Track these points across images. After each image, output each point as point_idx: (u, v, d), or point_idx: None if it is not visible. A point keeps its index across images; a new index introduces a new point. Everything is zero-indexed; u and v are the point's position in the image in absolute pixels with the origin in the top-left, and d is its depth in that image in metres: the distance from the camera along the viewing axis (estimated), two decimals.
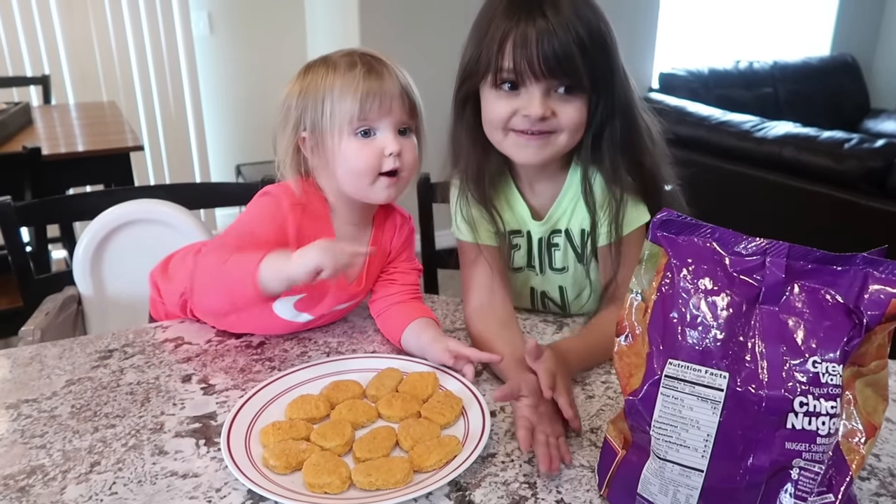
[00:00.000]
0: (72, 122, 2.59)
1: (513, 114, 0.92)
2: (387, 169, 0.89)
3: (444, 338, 0.91)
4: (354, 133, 0.88)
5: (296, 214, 0.91)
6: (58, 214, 1.45)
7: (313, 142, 0.91)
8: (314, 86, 0.89)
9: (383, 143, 0.89)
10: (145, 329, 1.02)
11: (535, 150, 0.94)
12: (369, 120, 0.88)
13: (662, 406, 0.59)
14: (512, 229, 1.06)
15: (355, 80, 0.87)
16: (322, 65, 0.91)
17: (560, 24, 0.87)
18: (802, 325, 0.58)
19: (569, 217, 1.02)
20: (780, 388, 0.56)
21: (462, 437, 0.75)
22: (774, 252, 0.60)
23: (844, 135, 2.26)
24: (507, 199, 1.05)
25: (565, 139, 0.94)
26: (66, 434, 0.77)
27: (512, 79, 0.91)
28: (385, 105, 0.88)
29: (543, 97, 0.91)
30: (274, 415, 0.80)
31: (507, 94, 0.92)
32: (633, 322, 0.66)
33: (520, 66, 0.89)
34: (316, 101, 0.89)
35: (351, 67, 0.88)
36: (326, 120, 0.88)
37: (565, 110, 0.92)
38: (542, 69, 0.88)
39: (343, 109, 0.87)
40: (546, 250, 1.06)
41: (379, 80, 0.88)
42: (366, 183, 0.90)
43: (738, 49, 3.96)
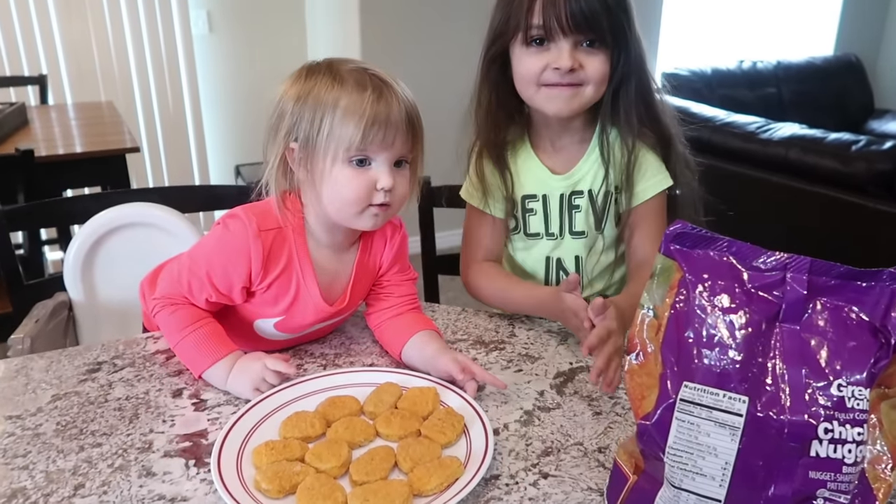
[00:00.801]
0: (69, 122, 2.56)
1: (543, 68, 1.00)
2: (377, 202, 0.84)
3: (449, 350, 0.88)
4: (349, 160, 0.82)
5: (264, 241, 0.86)
6: (48, 218, 1.42)
7: (302, 155, 0.84)
8: (315, 96, 0.82)
9: (377, 176, 0.83)
10: (136, 340, 0.99)
11: (566, 101, 1.02)
12: (368, 151, 0.82)
13: (677, 432, 0.55)
14: (527, 193, 1.12)
15: (363, 105, 0.80)
16: (327, 74, 0.83)
17: None
18: (826, 346, 0.55)
19: (592, 177, 1.09)
20: (803, 413, 0.53)
21: (464, 458, 0.72)
22: (795, 267, 0.57)
23: (852, 136, 2.23)
24: (524, 163, 1.11)
25: (592, 91, 1.02)
26: (50, 454, 0.74)
27: (541, 35, 0.99)
28: (388, 138, 0.82)
29: (571, 50, 0.99)
30: (267, 432, 0.76)
31: (536, 50, 1.00)
32: (644, 339, 0.62)
33: (549, 23, 0.97)
34: (314, 113, 0.81)
35: (360, 88, 0.81)
36: (322, 138, 0.81)
37: (591, 62, 1.00)
38: (570, 24, 0.96)
39: (343, 134, 0.80)
40: (567, 211, 1.11)
41: (387, 107, 0.81)
42: (353, 212, 0.85)
43: (741, 49, 3.92)
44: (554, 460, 0.74)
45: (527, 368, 0.92)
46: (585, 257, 1.12)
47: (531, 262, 1.15)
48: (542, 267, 1.14)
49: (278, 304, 0.90)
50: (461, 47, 3.06)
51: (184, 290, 0.88)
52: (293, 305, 0.90)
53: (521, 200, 1.11)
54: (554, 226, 1.11)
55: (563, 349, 0.97)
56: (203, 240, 0.92)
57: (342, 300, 0.93)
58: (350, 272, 0.94)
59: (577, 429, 0.79)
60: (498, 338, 1.00)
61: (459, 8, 3.00)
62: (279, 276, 0.88)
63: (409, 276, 0.99)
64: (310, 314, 0.91)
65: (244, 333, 0.94)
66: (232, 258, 0.86)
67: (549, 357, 0.95)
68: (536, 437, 0.77)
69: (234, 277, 0.86)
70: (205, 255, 0.88)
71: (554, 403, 0.84)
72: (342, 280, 0.93)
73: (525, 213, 1.12)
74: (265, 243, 0.86)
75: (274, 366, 0.83)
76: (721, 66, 3.60)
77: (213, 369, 0.85)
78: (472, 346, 0.98)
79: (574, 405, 0.84)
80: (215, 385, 0.86)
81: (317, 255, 0.91)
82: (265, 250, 0.86)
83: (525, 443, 0.76)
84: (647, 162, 1.07)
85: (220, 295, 0.88)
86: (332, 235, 0.91)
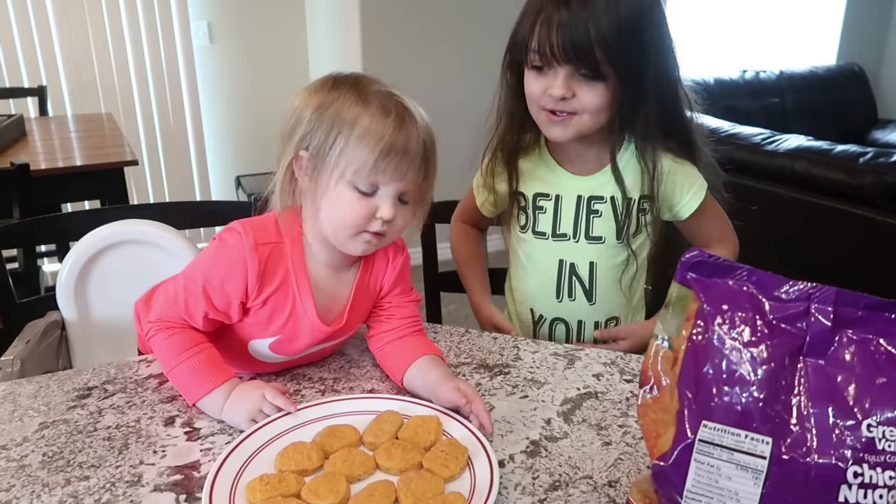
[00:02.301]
0: (68, 134, 2.53)
1: (542, 92, 0.99)
2: (373, 230, 0.82)
3: (453, 378, 0.84)
4: (356, 185, 0.80)
5: (260, 256, 0.83)
6: (42, 235, 1.39)
7: (310, 165, 0.81)
8: (336, 110, 0.79)
9: (378, 205, 0.81)
10: (128, 363, 0.96)
11: (560, 129, 1.02)
12: (379, 180, 0.79)
13: (696, 474, 0.52)
14: (539, 192, 1.12)
15: (382, 130, 0.77)
16: (353, 90, 0.80)
17: (582, 16, 0.92)
18: (854, 382, 0.52)
19: (615, 186, 1.07)
20: (830, 455, 0.50)
21: (468, 493, 0.68)
22: (820, 297, 0.54)
23: (859, 148, 2.20)
24: (539, 162, 1.12)
25: (588, 120, 1.00)
26: (35, 488, 0.71)
27: (538, 61, 0.98)
28: (401, 170, 0.79)
29: (567, 78, 0.97)
30: (263, 464, 0.73)
31: (537, 74, 1.00)
32: (658, 372, 0.59)
33: (543, 49, 0.96)
34: (332, 127, 0.79)
35: (384, 112, 0.78)
36: (334, 154, 0.78)
37: (585, 93, 0.97)
38: (561, 55, 0.95)
39: (356, 156, 0.78)
40: (584, 215, 1.09)
41: (406, 137, 0.79)
42: (347, 234, 0.83)
43: (744, 58, 3.90)
44: (562, 495, 0.70)
45: (532, 394, 0.89)
46: (600, 265, 1.11)
47: (542, 262, 1.14)
48: (554, 269, 1.13)
49: (273, 323, 0.87)
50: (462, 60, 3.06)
51: (180, 310, 0.85)
52: (288, 324, 0.87)
53: (533, 198, 1.12)
54: (565, 226, 1.11)
55: (570, 373, 0.94)
56: (199, 256, 0.89)
57: (339, 321, 0.90)
58: (349, 293, 0.90)
59: (586, 460, 0.76)
60: (502, 361, 0.97)
61: (460, 20, 2.98)
62: (275, 292, 0.85)
63: (412, 298, 0.95)
64: (306, 335, 0.88)
65: (239, 356, 0.91)
66: (228, 272, 0.83)
67: (556, 382, 0.92)
68: (543, 470, 0.74)
69: (231, 292, 0.84)
70: (201, 270, 0.85)
71: (561, 433, 0.81)
72: (341, 301, 0.90)
73: (535, 210, 1.12)
74: (261, 257, 0.83)
75: (273, 399, 0.80)
76: (724, 76, 3.58)
77: (208, 398, 0.82)
78: (475, 371, 0.94)
79: (582, 434, 0.81)
80: (210, 414, 0.83)
81: (314, 273, 0.88)
82: (261, 264, 0.83)
83: (532, 476, 0.73)
84: (681, 175, 1.08)
85: (218, 312, 0.85)
86: (330, 253, 0.88)
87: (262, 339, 0.88)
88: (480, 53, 1.06)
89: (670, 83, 1.03)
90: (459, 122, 0.94)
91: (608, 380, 0.92)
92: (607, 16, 0.92)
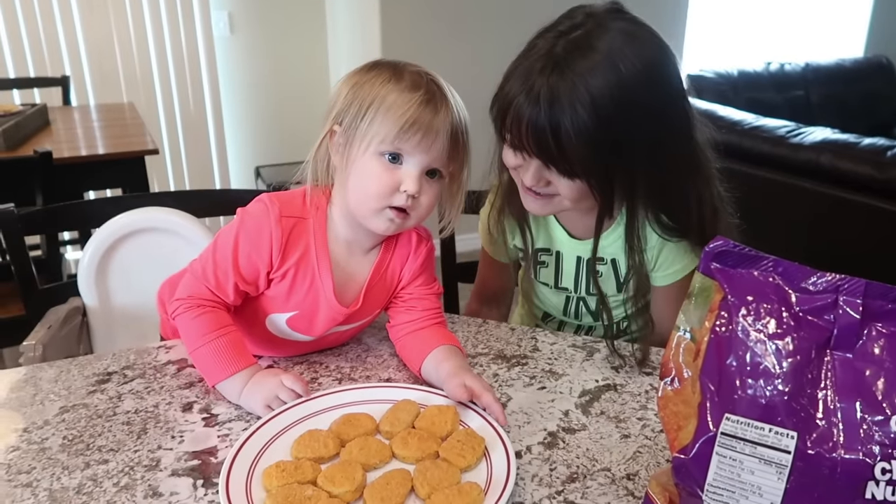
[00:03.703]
0: (91, 124, 2.56)
1: (517, 167, 0.91)
2: (397, 204, 0.82)
3: (463, 371, 0.83)
4: (381, 154, 0.81)
5: (284, 227, 0.85)
6: (64, 222, 1.40)
7: (342, 140, 0.83)
8: (370, 86, 0.82)
9: (403, 177, 0.81)
10: (147, 350, 0.96)
11: (539, 207, 0.94)
12: (402, 149, 0.81)
13: (718, 468, 0.51)
14: (540, 247, 1.06)
15: (408, 103, 0.80)
16: (389, 69, 0.84)
17: (552, 119, 0.81)
18: (882, 376, 0.50)
19: (616, 250, 1.00)
20: (857, 451, 0.48)
21: (484, 484, 0.68)
22: (848, 290, 0.52)
23: (887, 142, 2.15)
24: (539, 219, 1.05)
25: (568, 204, 0.91)
26: (55, 470, 0.71)
27: (513, 143, 0.88)
28: (425, 142, 0.80)
29: (539, 168, 0.87)
30: (279, 452, 0.73)
31: (513, 150, 0.89)
32: (679, 364, 0.58)
33: (515, 138, 0.86)
34: (363, 101, 0.81)
35: (413, 88, 0.81)
36: (364, 127, 0.81)
37: (561, 184, 0.88)
38: (529, 150, 0.85)
39: (382, 126, 0.80)
40: (585, 274, 1.04)
41: (432, 113, 0.80)
42: (371, 208, 0.83)
43: (768, 50, 3.83)
44: (580, 487, 0.70)
45: (550, 386, 0.88)
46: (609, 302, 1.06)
47: (549, 298, 1.11)
48: (561, 303, 1.10)
49: (292, 297, 0.88)
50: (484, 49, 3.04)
51: (210, 283, 0.86)
52: (307, 300, 0.88)
53: (535, 252, 1.06)
54: (566, 282, 1.06)
55: (589, 365, 0.93)
56: (225, 228, 0.89)
57: (356, 303, 0.90)
58: (367, 274, 0.91)
59: (605, 453, 0.75)
60: (520, 352, 0.96)
61: (481, 9, 2.96)
62: (295, 265, 0.87)
63: (434, 290, 0.95)
64: (323, 313, 0.89)
65: (259, 333, 0.92)
66: (253, 240, 0.85)
67: (574, 374, 0.91)
68: (561, 462, 0.73)
69: (258, 261, 0.85)
70: (228, 241, 0.86)
71: (579, 424, 0.80)
72: (358, 282, 0.91)
73: (537, 264, 1.07)
74: (285, 228, 0.85)
75: (291, 384, 0.80)
76: (748, 67, 3.52)
77: (228, 381, 0.83)
78: (493, 361, 0.94)
79: (601, 426, 0.80)
80: (228, 398, 0.83)
81: (335, 252, 0.89)
82: (284, 235, 0.85)
83: (549, 467, 0.72)
84: (673, 252, 0.98)
85: (247, 283, 0.87)
86: (353, 232, 0.89)
87: (282, 313, 0.89)
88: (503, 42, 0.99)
89: (671, 155, 0.88)
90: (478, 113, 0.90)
91: (627, 372, 0.91)
92: (576, 119, 0.80)
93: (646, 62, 0.83)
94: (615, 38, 0.82)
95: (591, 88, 0.80)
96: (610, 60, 0.81)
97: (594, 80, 0.80)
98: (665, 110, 0.87)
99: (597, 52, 0.81)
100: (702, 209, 0.94)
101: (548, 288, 1.09)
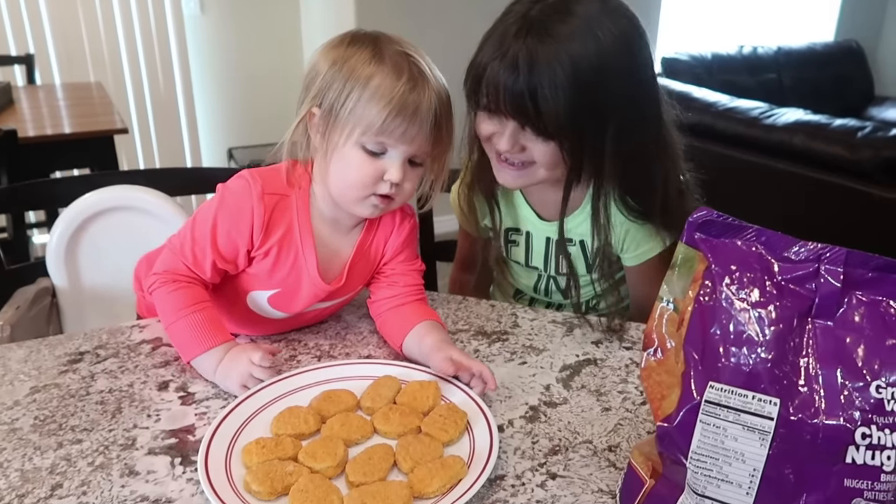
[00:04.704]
0: (57, 103, 2.48)
1: (491, 135, 0.90)
2: (381, 192, 0.81)
3: (447, 346, 0.83)
4: (364, 145, 0.79)
5: (266, 204, 0.83)
6: (30, 201, 1.36)
7: (322, 123, 0.81)
8: (351, 67, 0.78)
9: (387, 167, 0.80)
10: (120, 329, 0.94)
11: (513, 178, 0.93)
12: (386, 140, 0.78)
13: (702, 435, 0.51)
14: (510, 227, 1.06)
15: (393, 90, 0.76)
16: (370, 46, 0.79)
17: (529, 83, 0.81)
18: (862, 344, 0.51)
19: (584, 231, 1.00)
20: (838, 416, 0.49)
21: (467, 457, 0.68)
22: (830, 258, 0.52)
23: (858, 123, 2.18)
24: (510, 199, 1.05)
25: (543, 172, 0.91)
26: (27, 451, 0.69)
27: (488, 108, 0.88)
28: (411, 132, 0.78)
29: (515, 131, 0.87)
30: (258, 429, 0.72)
31: (487, 115, 0.89)
32: (662, 334, 0.58)
33: (492, 99, 0.86)
34: (344, 84, 0.78)
35: (396, 72, 0.77)
36: (345, 112, 0.78)
37: (536, 148, 0.88)
38: (506, 111, 0.85)
39: (366, 114, 0.77)
40: (554, 255, 1.04)
41: (417, 100, 0.77)
42: (355, 196, 0.82)
43: (741, 34, 3.86)
44: (562, 459, 0.70)
45: (531, 361, 0.88)
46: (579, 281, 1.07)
47: (523, 277, 1.11)
48: (533, 279, 1.10)
49: (275, 275, 0.86)
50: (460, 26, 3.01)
51: (188, 260, 0.84)
52: (289, 278, 0.86)
53: (505, 232, 1.07)
54: (536, 261, 1.06)
55: (569, 340, 0.93)
56: (205, 204, 0.87)
57: (339, 280, 0.89)
58: (351, 251, 0.90)
59: (586, 426, 0.75)
60: (500, 328, 0.96)
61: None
62: (278, 243, 0.85)
63: (416, 267, 0.94)
64: (305, 291, 0.87)
65: (238, 310, 0.90)
66: (234, 218, 0.83)
67: (555, 349, 0.91)
68: (543, 435, 0.73)
69: (238, 239, 0.83)
70: (207, 217, 0.84)
71: (560, 398, 0.80)
72: (341, 258, 0.89)
73: (508, 243, 1.07)
74: (267, 206, 0.83)
75: (260, 362, 0.78)
76: (721, 51, 3.54)
77: (203, 357, 0.81)
78: (473, 337, 0.93)
79: (582, 400, 0.80)
80: (203, 375, 0.82)
81: (319, 229, 0.87)
82: (267, 212, 0.83)
83: (531, 440, 0.72)
84: (640, 234, 0.98)
85: (225, 261, 0.84)
86: (336, 210, 0.87)
87: (263, 290, 0.88)
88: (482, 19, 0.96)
89: (640, 132, 0.89)
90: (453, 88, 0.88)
91: (607, 347, 0.91)
92: (555, 83, 0.80)
93: (621, 32, 0.84)
94: (591, 4, 0.83)
95: (571, 53, 0.81)
96: (588, 27, 0.82)
97: (573, 46, 0.81)
98: (637, 83, 0.88)
99: (575, 17, 0.82)
100: (668, 189, 0.95)
101: (519, 266, 1.09)
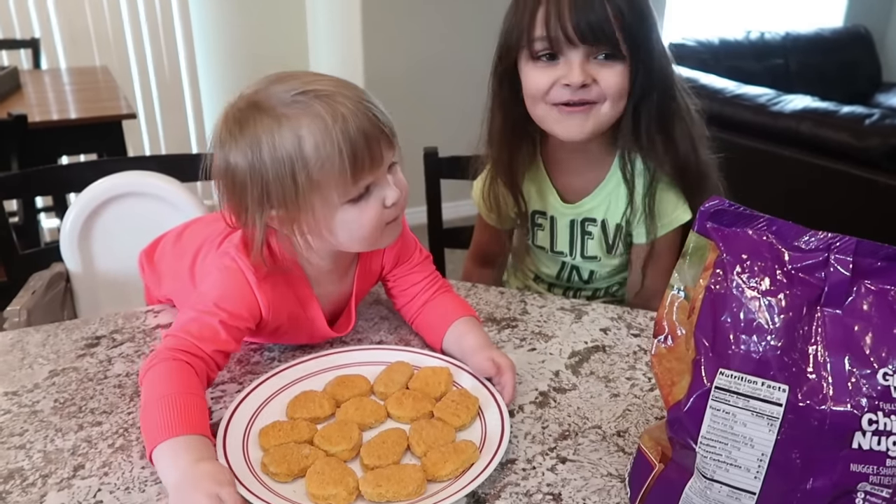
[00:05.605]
0: (63, 87, 2.49)
1: (552, 84, 0.90)
2: (390, 219, 0.77)
3: (489, 347, 0.81)
4: (350, 198, 0.73)
5: (265, 292, 0.77)
6: (42, 186, 1.37)
7: (287, 217, 0.73)
8: (269, 152, 0.69)
9: (382, 195, 0.74)
10: (135, 314, 0.96)
11: (579, 123, 0.92)
12: (364, 179, 0.72)
13: (711, 421, 0.52)
14: (536, 209, 1.07)
15: (331, 137, 0.68)
16: (271, 122, 0.69)
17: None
18: (870, 332, 0.52)
19: (607, 207, 1.01)
20: (845, 403, 0.50)
21: (479, 442, 0.69)
22: (840, 248, 0.53)
23: (865, 110, 2.18)
24: (535, 182, 1.05)
25: (608, 109, 0.91)
26: (48, 432, 0.71)
27: (548, 49, 0.88)
28: (376, 152, 0.71)
29: (583, 63, 0.88)
30: (274, 412, 0.73)
31: (545, 65, 0.90)
32: (673, 322, 0.59)
33: (555, 34, 0.86)
34: (279, 172, 0.69)
35: (315, 118, 0.69)
36: (303, 194, 0.70)
37: (606, 76, 0.89)
38: (578, 36, 0.86)
39: (328, 179, 0.69)
40: (579, 237, 1.05)
41: (355, 122, 0.69)
42: (374, 238, 0.77)
43: (749, 19, 3.84)
44: (572, 444, 0.71)
45: (540, 347, 0.89)
46: (599, 271, 1.10)
47: (548, 264, 1.13)
48: (556, 267, 1.12)
49: (282, 337, 0.86)
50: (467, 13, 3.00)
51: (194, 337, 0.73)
52: (299, 335, 0.86)
53: (532, 215, 1.07)
54: (561, 245, 1.07)
55: (578, 327, 0.94)
56: (206, 287, 0.78)
57: (347, 323, 0.87)
58: (351, 287, 0.87)
59: (595, 411, 0.77)
60: (510, 315, 0.97)
61: None
62: (287, 319, 0.81)
63: (422, 257, 0.92)
64: (316, 338, 0.87)
65: None
66: (241, 306, 0.76)
67: (564, 335, 0.92)
68: (553, 420, 0.75)
69: (248, 322, 0.77)
70: (216, 297, 0.76)
71: (570, 384, 0.81)
72: (345, 299, 0.88)
73: (534, 226, 1.09)
74: (266, 293, 0.77)
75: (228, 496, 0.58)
76: (728, 36, 3.53)
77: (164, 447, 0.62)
78: (483, 324, 0.95)
79: (591, 386, 0.81)
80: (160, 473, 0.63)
81: (320, 290, 0.84)
82: (268, 301, 0.77)
83: (541, 426, 0.74)
84: (665, 198, 0.99)
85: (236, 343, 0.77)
86: (334, 261, 0.83)
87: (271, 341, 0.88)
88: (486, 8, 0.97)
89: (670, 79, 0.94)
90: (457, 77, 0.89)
91: (615, 334, 0.92)
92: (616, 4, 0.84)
93: None
94: None
95: None
96: None
97: None
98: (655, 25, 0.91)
99: None
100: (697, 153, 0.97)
101: (544, 252, 1.10)
